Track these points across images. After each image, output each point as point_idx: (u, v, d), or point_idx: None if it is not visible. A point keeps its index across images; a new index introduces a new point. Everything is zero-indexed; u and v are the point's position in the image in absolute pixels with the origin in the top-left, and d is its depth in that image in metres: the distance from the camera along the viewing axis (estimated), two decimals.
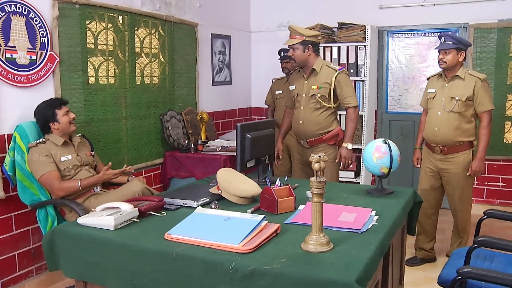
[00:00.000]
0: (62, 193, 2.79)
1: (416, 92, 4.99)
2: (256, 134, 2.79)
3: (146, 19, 4.03)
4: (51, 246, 2.05)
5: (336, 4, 5.18)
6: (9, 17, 2.89)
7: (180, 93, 4.54)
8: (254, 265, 1.61)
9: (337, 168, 3.51)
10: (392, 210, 2.27)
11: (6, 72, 2.88)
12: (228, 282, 1.64)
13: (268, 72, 5.50)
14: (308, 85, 3.40)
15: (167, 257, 1.75)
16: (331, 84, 3.32)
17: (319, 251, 1.73)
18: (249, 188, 2.40)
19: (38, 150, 2.81)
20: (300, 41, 3.27)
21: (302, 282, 1.54)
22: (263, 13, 5.69)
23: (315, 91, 3.35)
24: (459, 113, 3.17)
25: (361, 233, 1.94)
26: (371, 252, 1.73)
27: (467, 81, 3.16)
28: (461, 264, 2.30)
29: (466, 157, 3.23)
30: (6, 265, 3.00)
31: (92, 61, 3.53)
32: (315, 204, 1.76)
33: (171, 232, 1.88)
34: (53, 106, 2.92)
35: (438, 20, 4.75)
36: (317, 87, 3.35)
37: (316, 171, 1.75)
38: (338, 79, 3.33)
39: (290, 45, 3.32)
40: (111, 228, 1.97)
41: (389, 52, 5.08)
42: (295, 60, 3.35)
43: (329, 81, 3.33)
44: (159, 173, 4.35)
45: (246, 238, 1.78)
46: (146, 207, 2.16)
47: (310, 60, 3.34)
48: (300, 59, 3.32)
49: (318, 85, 3.35)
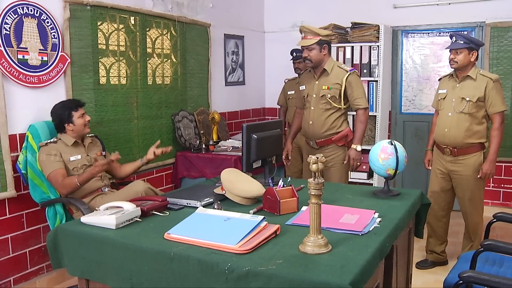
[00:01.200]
0: (65, 191, 2.83)
1: (430, 92, 4.91)
2: (262, 134, 2.78)
3: (158, 19, 4.06)
4: (55, 244, 2.09)
5: (349, 4, 5.14)
6: (21, 19, 2.95)
7: (192, 94, 4.56)
8: (249, 266, 1.61)
9: (346, 169, 3.48)
10: (396, 212, 2.24)
11: (18, 73, 2.95)
12: (224, 282, 1.64)
13: (282, 72, 5.48)
14: (318, 86, 3.37)
15: (165, 256, 1.76)
16: (341, 84, 3.29)
17: (316, 253, 1.72)
18: (252, 188, 2.40)
19: (47, 149, 2.87)
20: (316, 41, 3.24)
21: (296, 283, 1.53)
22: (276, 13, 5.68)
23: (325, 91, 3.32)
24: (470, 114, 3.11)
25: (362, 235, 1.92)
26: (369, 255, 1.71)
27: (478, 82, 3.10)
28: (467, 268, 2.25)
29: (477, 159, 3.16)
30: (18, 262, 3.07)
31: (103, 61, 3.58)
32: (313, 205, 1.74)
33: (171, 232, 1.89)
34: (70, 108, 2.97)
35: (454, 19, 4.67)
36: (327, 88, 3.32)
37: (314, 172, 1.73)
38: (349, 80, 3.29)
39: (306, 45, 3.26)
40: (113, 227, 1.99)
41: (403, 52, 5.01)
42: (311, 60, 3.29)
43: (340, 82, 3.30)
44: (171, 173, 4.38)
45: (244, 239, 1.78)
46: (148, 206, 2.18)
47: (324, 60, 3.31)
48: (316, 59, 3.29)
49: (329, 85, 3.32)
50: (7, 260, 3.01)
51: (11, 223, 3.01)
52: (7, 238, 3.00)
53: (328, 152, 3.40)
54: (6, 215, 2.98)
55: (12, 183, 2.95)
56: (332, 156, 3.40)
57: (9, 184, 2.94)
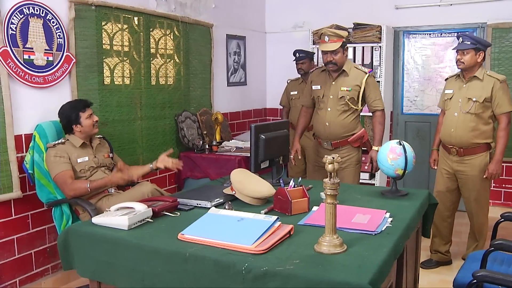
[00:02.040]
0: (72, 193, 2.82)
1: (432, 93, 4.94)
2: (270, 135, 2.79)
3: (162, 20, 4.06)
4: (66, 245, 2.07)
5: (351, 5, 5.16)
6: (27, 19, 2.94)
7: (195, 94, 4.56)
8: (267, 266, 1.61)
9: (359, 170, 3.48)
10: (406, 212, 2.25)
11: (24, 73, 2.93)
12: (241, 283, 1.63)
13: (283, 73, 5.48)
14: (336, 87, 3.33)
15: (180, 257, 1.76)
16: (361, 86, 3.27)
17: (332, 253, 1.72)
18: (263, 189, 2.40)
19: (55, 151, 2.86)
20: (341, 44, 3.18)
21: (314, 283, 1.53)
22: (278, 14, 5.68)
23: (344, 92, 3.29)
24: (476, 114, 3.12)
25: (375, 235, 1.92)
26: (384, 254, 1.71)
27: (485, 82, 3.11)
28: (477, 268, 2.25)
29: (483, 159, 3.17)
30: (23, 263, 3.05)
31: (107, 62, 3.57)
32: (328, 205, 1.75)
33: (185, 233, 1.88)
34: (77, 108, 2.95)
35: (455, 20, 4.69)
36: (346, 89, 3.30)
37: (330, 172, 1.74)
38: (368, 82, 3.28)
39: (332, 50, 3.18)
40: (125, 228, 1.98)
41: (405, 53, 5.03)
42: (337, 64, 3.23)
43: (359, 83, 3.27)
44: (174, 174, 4.37)
45: (260, 239, 1.78)
46: (160, 207, 2.17)
47: (345, 61, 3.30)
48: (341, 62, 3.24)
49: (348, 87, 3.29)
50: (13, 261, 2.99)
51: (16, 224, 3.00)
52: (13, 239, 2.99)
53: (343, 153, 3.36)
54: (12, 216, 2.97)
55: (18, 183, 2.93)
56: (347, 157, 3.38)
57: (15, 185, 2.92)
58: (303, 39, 5.41)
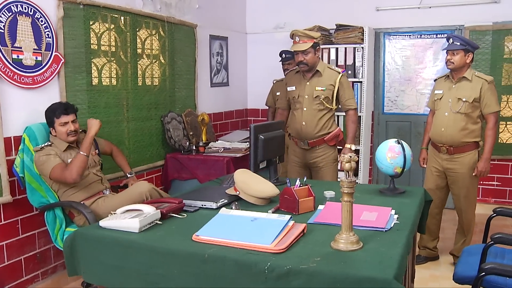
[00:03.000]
0: (75, 175, 2.73)
1: (412, 93, 5.07)
2: (268, 135, 2.80)
3: (148, 20, 4.00)
4: (72, 250, 2.02)
5: (332, 6, 5.22)
6: (16, 18, 2.84)
7: (180, 95, 4.52)
8: (290, 264, 1.62)
9: (336, 168, 3.55)
10: (409, 208, 2.31)
11: (13, 74, 2.83)
12: (263, 282, 1.64)
13: (265, 73, 5.52)
14: (310, 87, 3.40)
15: (198, 258, 1.74)
16: (335, 85, 3.35)
17: (350, 250, 1.74)
18: (267, 189, 2.40)
19: (44, 151, 2.78)
20: (311, 44, 3.25)
21: (339, 280, 1.55)
22: (259, 15, 5.69)
23: (319, 92, 3.36)
24: (466, 114, 3.23)
25: (386, 231, 1.96)
26: (400, 250, 1.76)
27: (474, 83, 3.22)
28: (476, 261, 2.34)
29: (472, 157, 3.28)
30: (13, 270, 2.94)
31: (95, 62, 3.49)
32: (345, 203, 1.77)
33: (199, 234, 1.87)
34: (54, 113, 2.86)
35: (434, 22, 4.84)
36: (321, 89, 3.36)
37: (347, 171, 1.76)
38: (341, 81, 3.36)
39: (302, 50, 3.25)
40: (136, 231, 1.95)
41: (385, 54, 5.15)
42: (308, 64, 3.30)
43: (333, 83, 3.35)
44: (160, 175, 4.32)
45: (277, 238, 1.79)
46: (167, 209, 2.14)
47: (317, 62, 3.35)
48: (312, 62, 3.31)
49: (323, 87, 3.36)
50: (2, 268, 2.88)
51: (6, 230, 2.89)
52: (2, 245, 2.87)
53: (320, 152, 3.45)
54: (1, 221, 2.86)
55: (7, 187, 2.82)
56: (324, 156, 3.45)
57: (5, 189, 2.81)
58: (285, 40, 5.40)
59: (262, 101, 5.67)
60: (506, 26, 4.52)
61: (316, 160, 3.44)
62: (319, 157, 3.42)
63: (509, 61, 4.58)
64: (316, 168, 3.46)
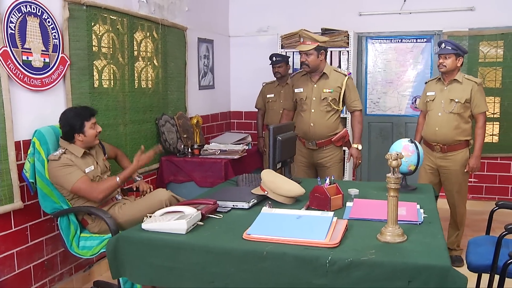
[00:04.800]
0: (102, 196, 2.70)
1: (394, 95, 5.30)
2: (284, 136, 2.87)
3: (143, 22, 3.97)
4: (115, 253, 2.00)
5: (315, 10, 5.36)
6: (25, 18, 2.76)
7: (172, 98, 4.50)
8: (351, 257, 1.70)
9: (342, 168, 3.67)
10: (429, 203, 2.45)
11: (23, 75, 2.75)
12: (323, 275, 1.71)
13: (248, 76, 5.60)
14: (318, 89, 3.51)
15: (256, 256, 1.79)
16: (342, 87, 3.47)
17: (397, 242, 1.85)
18: (294, 188, 2.47)
19: (62, 162, 2.68)
20: (314, 46, 3.36)
21: (399, 269, 1.65)
22: (242, 18, 5.73)
23: (327, 94, 3.47)
24: (458, 114, 3.43)
25: (419, 224, 2.08)
26: (442, 241, 1.88)
27: (464, 85, 3.43)
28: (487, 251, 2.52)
29: (464, 155, 3.50)
30: (23, 278, 2.84)
31: (96, 64, 3.43)
32: (391, 198, 1.88)
33: (250, 232, 1.91)
34: (83, 117, 2.78)
35: (414, 27, 5.08)
36: (328, 91, 3.47)
37: (393, 167, 1.86)
38: (347, 83, 3.48)
39: (304, 50, 3.38)
40: (183, 232, 1.96)
41: (368, 57, 5.35)
42: (309, 65, 3.41)
43: (340, 85, 3.47)
44: (155, 178, 4.28)
45: (328, 234, 1.86)
46: (205, 210, 2.17)
47: (321, 65, 3.46)
48: (314, 64, 3.42)
49: (330, 89, 3.47)
50: (13, 277, 2.77)
51: (16, 237, 2.79)
52: (13, 253, 2.77)
53: (327, 153, 3.56)
54: (12, 229, 2.76)
55: (18, 193, 2.73)
56: (331, 156, 3.56)
57: (16, 195, 2.72)
58: (269, 43, 5.54)
59: (245, 104, 5.77)
60: (481, 32, 4.82)
61: (323, 160, 3.54)
62: (327, 157, 3.53)
63: (484, 65, 4.90)
64: (323, 168, 3.56)
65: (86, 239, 2.82)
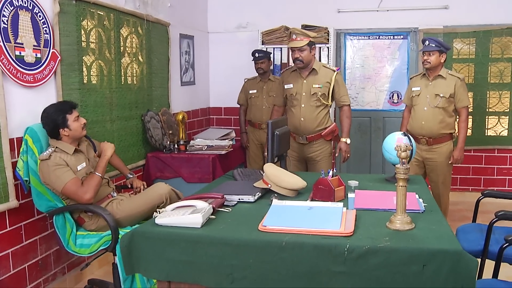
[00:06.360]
0: (90, 195, 2.64)
1: (372, 90, 5.45)
2: (280, 130, 2.92)
3: (128, 17, 3.92)
4: (130, 249, 2.00)
5: (295, 7, 5.43)
6: (17, 12, 2.69)
7: (156, 94, 4.47)
8: (368, 244, 1.77)
9: (331, 161, 3.76)
10: (424, 193, 2.57)
11: (16, 71, 2.68)
12: (342, 263, 1.77)
13: (227, 72, 5.62)
14: (307, 84, 3.58)
15: (275, 247, 1.83)
16: (331, 83, 3.55)
17: (406, 229, 1.93)
18: (297, 181, 2.53)
19: (53, 161, 2.61)
20: (307, 42, 3.43)
21: (415, 255, 1.73)
22: (221, 14, 5.74)
23: (316, 89, 3.55)
24: (443, 108, 3.59)
25: (422, 212, 2.18)
26: (448, 227, 1.98)
27: (448, 80, 3.59)
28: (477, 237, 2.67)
29: (448, 147, 3.66)
30: (18, 279, 2.78)
31: (85, 60, 3.37)
32: (400, 188, 1.96)
33: (266, 224, 1.96)
34: (64, 111, 2.71)
35: (391, 24, 5.24)
36: (318, 86, 3.55)
37: (403, 159, 1.95)
38: (336, 79, 3.58)
39: (298, 46, 3.44)
40: (198, 226, 1.98)
41: (346, 53, 5.47)
42: (303, 61, 3.48)
43: (329, 80, 3.56)
44: (141, 175, 4.25)
45: (341, 223, 1.93)
46: (215, 203, 2.19)
47: (313, 60, 3.53)
48: (307, 59, 3.49)
49: (319, 84, 3.55)
50: (8, 278, 2.70)
51: (11, 237, 2.72)
52: (8, 253, 2.71)
53: (317, 147, 3.65)
54: (7, 228, 2.69)
55: (13, 192, 2.67)
56: (321, 150, 3.65)
57: (11, 194, 2.65)
58: (248, 40, 5.57)
59: (224, 100, 5.80)
60: (455, 29, 5.03)
61: (313, 154, 3.62)
62: (317, 151, 3.61)
63: (457, 61, 5.11)
64: (313, 162, 3.64)
65: (83, 237, 2.78)
